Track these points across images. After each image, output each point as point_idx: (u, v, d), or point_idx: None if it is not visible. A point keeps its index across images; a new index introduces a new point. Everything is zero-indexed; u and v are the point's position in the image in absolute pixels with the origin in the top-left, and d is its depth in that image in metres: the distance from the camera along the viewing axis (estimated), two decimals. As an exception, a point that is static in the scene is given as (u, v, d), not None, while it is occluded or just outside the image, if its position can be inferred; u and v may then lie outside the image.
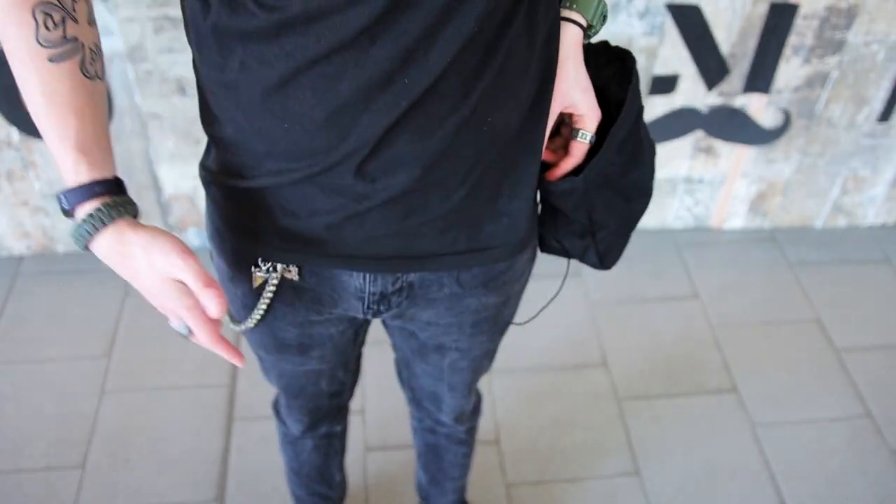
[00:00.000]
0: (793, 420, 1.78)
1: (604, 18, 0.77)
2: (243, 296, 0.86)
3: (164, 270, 0.68)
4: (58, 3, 0.65)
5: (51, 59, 0.66)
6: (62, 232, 2.06)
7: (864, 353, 1.93)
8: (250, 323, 0.87)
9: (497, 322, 0.95)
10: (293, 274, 0.80)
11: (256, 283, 0.81)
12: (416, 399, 1.16)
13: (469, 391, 1.11)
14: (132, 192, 2.26)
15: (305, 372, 1.00)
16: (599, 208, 0.85)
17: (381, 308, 0.85)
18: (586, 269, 2.14)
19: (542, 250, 0.95)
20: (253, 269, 0.80)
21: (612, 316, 2.00)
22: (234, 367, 1.85)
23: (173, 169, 1.93)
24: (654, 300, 2.05)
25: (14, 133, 1.83)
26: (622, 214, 0.88)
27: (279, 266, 0.79)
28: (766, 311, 2.03)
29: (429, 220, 0.75)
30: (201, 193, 2.00)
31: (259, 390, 1.78)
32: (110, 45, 1.69)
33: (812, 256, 2.19)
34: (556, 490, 1.64)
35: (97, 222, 0.67)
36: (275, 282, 0.81)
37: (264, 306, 0.84)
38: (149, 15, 1.65)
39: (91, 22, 0.69)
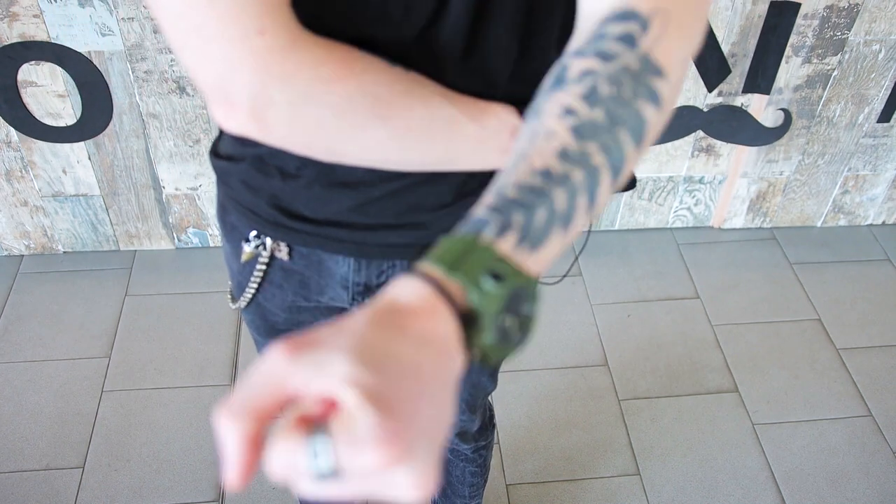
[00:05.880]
0: (793, 420, 1.78)
1: (505, 339, 0.43)
2: (239, 272, 0.87)
3: None
4: None
5: (406, 69, 0.59)
6: (62, 232, 2.06)
7: (864, 353, 1.93)
8: (242, 302, 0.88)
9: None
10: (283, 252, 0.80)
11: (245, 257, 0.82)
12: None
13: (470, 409, 1.08)
14: (132, 191, 2.24)
15: None
16: None
17: (366, 300, 0.84)
18: (586, 270, 2.14)
19: None
20: (243, 243, 0.81)
21: (613, 316, 2.00)
22: (234, 367, 1.85)
23: (173, 168, 1.93)
24: (654, 300, 2.04)
25: (13, 133, 1.83)
26: None
27: (269, 242, 0.79)
28: (766, 311, 2.03)
29: (431, 209, 0.74)
30: (201, 192, 2.00)
31: (259, 390, 1.78)
32: (110, 44, 1.69)
33: (812, 256, 2.19)
34: (556, 490, 1.64)
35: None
36: (264, 260, 0.81)
37: (255, 284, 0.84)
38: (148, 15, 1.65)
39: None
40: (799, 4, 1.76)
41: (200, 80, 0.53)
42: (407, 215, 0.74)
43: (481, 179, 0.72)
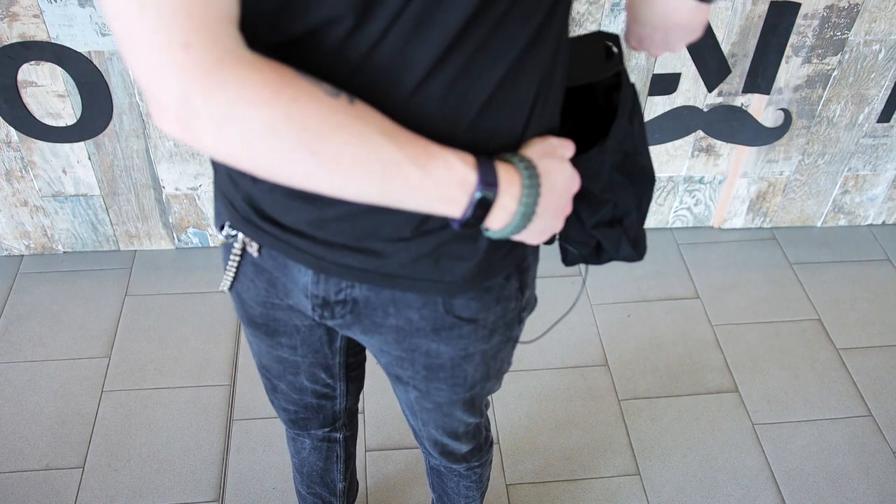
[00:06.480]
0: (793, 420, 1.78)
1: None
2: (222, 256, 0.89)
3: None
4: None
5: (351, 101, 0.56)
6: (62, 232, 2.06)
7: (864, 353, 1.93)
8: (224, 284, 0.89)
9: (457, 376, 0.89)
10: (253, 248, 0.81)
11: (219, 242, 0.85)
12: (410, 424, 1.14)
13: (450, 436, 1.05)
14: (132, 191, 2.24)
15: (280, 358, 0.99)
16: (620, 192, 0.81)
17: (325, 314, 0.84)
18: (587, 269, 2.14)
19: (567, 264, 0.90)
20: (218, 230, 0.83)
21: (613, 316, 2.00)
22: (234, 367, 1.85)
23: (173, 168, 1.93)
24: (654, 300, 2.05)
25: (13, 133, 1.83)
26: (637, 199, 0.85)
27: (240, 235, 0.80)
28: (766, 311, 2.03)
29: (387, 240, 0.73)
30: (201, 192, 2.00)
31: (259, 390, 1.78)
32: (110, 44, 1.69)
33: (812, 256, 2.19)
34: (556, 490, 1.64)
35: (532, 171, 0.65)
36: (237, 252, 0.83)
37: (231, 271, 0.86)
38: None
39: None
40: (799, 4, 1.76)
41: (136, 79, 0.55)
42: (364, 240, 0.72)
43: (442, 219, 0.69)
